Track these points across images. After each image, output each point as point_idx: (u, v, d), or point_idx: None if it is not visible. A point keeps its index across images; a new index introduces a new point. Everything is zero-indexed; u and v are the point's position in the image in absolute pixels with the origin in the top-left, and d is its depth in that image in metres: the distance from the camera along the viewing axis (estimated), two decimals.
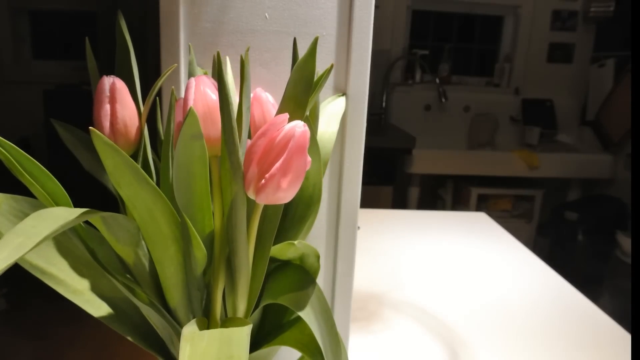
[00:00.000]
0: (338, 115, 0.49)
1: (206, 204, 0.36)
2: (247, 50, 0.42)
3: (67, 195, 0.34)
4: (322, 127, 0.48)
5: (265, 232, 0.38)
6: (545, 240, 2.52)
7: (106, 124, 0.36)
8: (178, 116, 0.38)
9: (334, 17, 0.50)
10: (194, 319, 0.35)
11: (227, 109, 0.32)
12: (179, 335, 0.37)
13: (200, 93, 0.36)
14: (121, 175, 0.30)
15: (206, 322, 0.37)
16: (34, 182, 0.31)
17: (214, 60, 0.43)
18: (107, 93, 0.36)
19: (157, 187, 0.32)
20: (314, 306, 0.37)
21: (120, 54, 0.40)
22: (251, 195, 0.33)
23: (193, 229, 0.34)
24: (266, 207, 0.38)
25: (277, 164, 0.31)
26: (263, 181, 0.32)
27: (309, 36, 0.51)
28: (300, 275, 0.39)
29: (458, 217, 1.30)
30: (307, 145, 0.32)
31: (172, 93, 0.34)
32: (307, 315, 0.36)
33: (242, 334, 0.32)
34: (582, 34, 2.72)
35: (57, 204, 0.32)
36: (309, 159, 0.33)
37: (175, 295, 0.36)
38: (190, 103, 0.35)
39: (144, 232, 0.33)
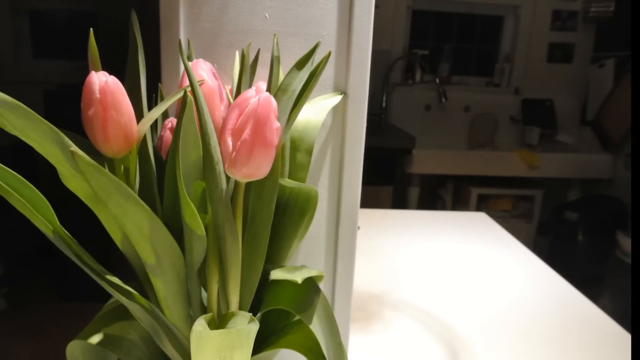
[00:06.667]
0: (327, 107, 0.50)
1: (202, 194, 0.36)
2: (249, 44, 0.42)
3: (47, 202, 0.33)
4: (311, 117, 0.48)
5: (261, 221, 0.38)
6: (545, 240, 2.52)
7: (97, 126, 0.33)
8: (179, 106, 0.38)
9: (334, 17, 0.50)
10: (202, 316, 0.35)
11: (196, 92, 0.32)
12: (167, 332, 0.37)
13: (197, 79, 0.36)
14: (108, 196, 0.30)
15: (211, 317, 0.38)
16: (11, 191, 0.31)
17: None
18: (97, 94, 0.33)
19: (145, 205, 0.31)
20: (319, 314, 0.37)
21: (131, 53, 0.39)
22: (228, 172, 0.34)
23: (198, 217, 0.33)
24: (259, 195, 0.38)
25: (246, 131, 0.32)
26: (235, 153, 0.32)
27: (309, 36, 0.51)
28: (304, 282, 0.39)
29: (458, 217, 1.30)
30: (274, 112, 0.33)
31: (185, 93, 0.34)
32: (314, 324, 0.36)
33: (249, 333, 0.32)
34: (582, 34, 2.72)
35: (38, 211, 0.32)
36: (278, 125, 0.33)
37: (170, 304, 0.36)
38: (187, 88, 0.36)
39: (135, 246, 0.33)
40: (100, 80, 0.33)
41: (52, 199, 0.35)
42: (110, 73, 0.34)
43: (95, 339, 0.38)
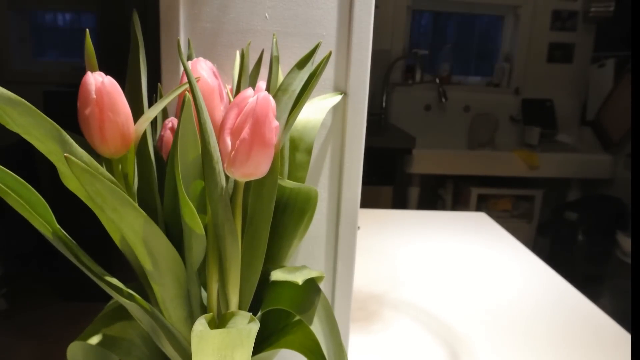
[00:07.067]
0: (327, 107, 0.49)
1: (202, 194, 0.36)
2: (248, 44, 0.42)
3: (45, 203, 0.33)
4: (310, 116, 0.48)
5: (260, 220, 0.38)
6: (545, 240, 2.52)
7: (94, 127, 0.33)
8: (179, 106, 0.38)
9: (334, 17, 0.50)
10: (202, 316, 0.35)
11: (195, 91, 0.32)
12: (166, 332, 0.37)
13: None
14: (104, 201, 0.30)
15: (211, 317, 0.37)
16: (9, 192, 0.31)
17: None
18: (93, 95, 0.32)
19: (142, 211, 0.31)
20: (319, 315, 0.37)
21: (132, 52, 0.39)
22: (227, 171, 0.34)
23: (197, 216, 0.33)
24: (259, 194, 0.38)
25: (245, 130, 0.32)
26: (234, 152, 0.32)
27: (309, 36, 0.51)
28: (305, 283, 0.39)
29: (458, 217, 1.30)
30: (273, 111, 0.33)
31: (186, 98, 0.34)
32: (314, 325, 0.36)
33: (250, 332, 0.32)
34: (582, 34, 2.72)
35: (36, 212, 0.32)
36: (276, 124, 0.33)
37: (168, 307, 0.36)
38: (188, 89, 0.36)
39: (134, 249, 0.33)
40: (97, 80, 0.32)
41: (50, 199, 0.35)
42: (109, 73, 0.34)
43: (96, 339, 0.38)
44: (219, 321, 0.38)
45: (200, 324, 0.33)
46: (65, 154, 0.28)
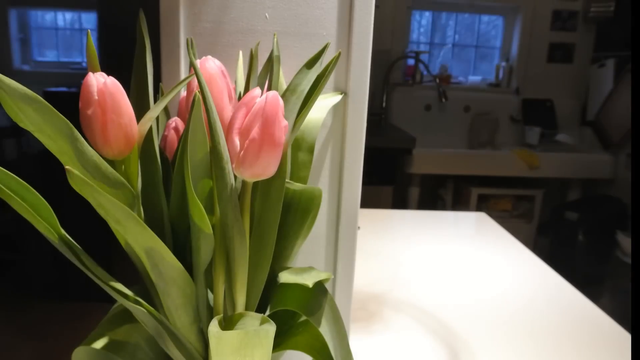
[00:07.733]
0: (327, 106, 0.49)
1: (209, 194, 0.36)
2: (257, 44, 0.42)
3: (49, 207, 0.32)
4: (311, 116, 0.48)
5: (268, 221, 0.38)
6: (545, 240, 2.52)
7: (96, 129, 0.32)
8: (182, 105, 0.38)
9: (334, 17, 0.50)
10: (215, 317, 0.35)
11: (205, 91, 0.32)
12: (171, 336, 0.37)
13: (206, 77, 0.36)
14: (107, 213, 0.29)
15: (220, 319, 0.37)
16: (12, 195, 0.30)
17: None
18: (95, 96, 0.32)
19: (145, 226, 0.31)
20: (327, 317, 0.37)
21: (138, 52, 0.39)
22: (236, 171, 0.33)
23: (206, 215, 0.33)
24: (267, 195, 0.37)
25: (255, 130, 0.32)
26: (243, 152, 0.32)
27: (309, 36, 0.51)
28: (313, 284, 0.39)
29: (458, 217, 1.30)
30: (281, 111, 0.33)
31: (196, 97, 0.33)
32: (322, 327, 0.36)
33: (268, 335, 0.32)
34: (582, 34, 2.72)
35: (40, 215, 0.32)
36: (285, 123, 0.33)
37: (173, 313, 0.36)
38: (195, 88, 0.35)
39: (140, 258, 0.33)
40: (99, 81, 0.32)
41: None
42: (109, 74, 0.33)
43: (100, 343, 0.38)
44: (226, 323, 0.38)
45: (214, 325, 0.33)
46: (67, 167, 0.27)
